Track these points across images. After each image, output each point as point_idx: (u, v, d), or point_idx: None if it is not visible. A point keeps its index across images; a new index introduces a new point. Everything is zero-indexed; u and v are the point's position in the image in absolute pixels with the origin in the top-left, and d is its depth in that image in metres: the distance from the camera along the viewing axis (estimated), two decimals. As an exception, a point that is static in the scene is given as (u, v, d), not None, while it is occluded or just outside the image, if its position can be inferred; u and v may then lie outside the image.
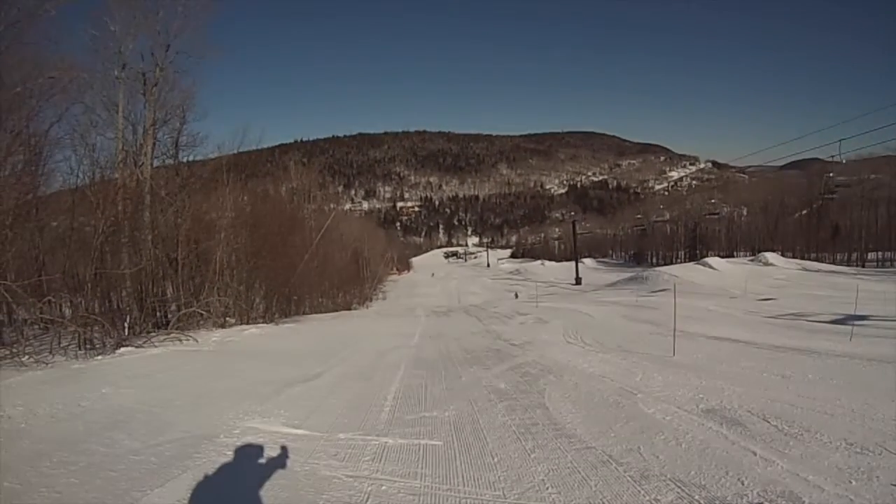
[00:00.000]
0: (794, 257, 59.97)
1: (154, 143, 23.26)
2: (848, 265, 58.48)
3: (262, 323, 25.76)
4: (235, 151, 30.39)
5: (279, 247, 31.69)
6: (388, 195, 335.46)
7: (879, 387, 8.73)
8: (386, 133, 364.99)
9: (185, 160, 25.66)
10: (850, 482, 5.26)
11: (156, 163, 23.75)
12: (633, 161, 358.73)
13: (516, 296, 50.63)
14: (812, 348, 12.61)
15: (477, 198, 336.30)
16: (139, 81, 22.56)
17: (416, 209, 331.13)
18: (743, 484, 5.38)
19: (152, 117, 22.87)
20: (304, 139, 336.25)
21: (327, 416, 8.87)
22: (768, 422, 7.23)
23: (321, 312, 39.67)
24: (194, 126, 25.47)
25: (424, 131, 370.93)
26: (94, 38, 21.55)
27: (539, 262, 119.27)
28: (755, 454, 6.13)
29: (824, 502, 4.88)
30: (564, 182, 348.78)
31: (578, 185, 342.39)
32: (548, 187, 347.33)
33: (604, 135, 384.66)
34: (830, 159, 37.51)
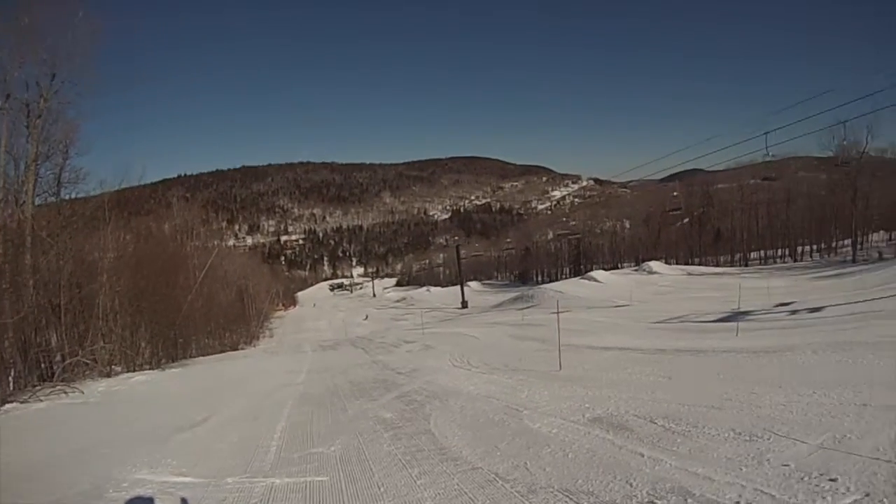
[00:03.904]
0: (678, 264, 63.53)
1: (36, 180, 22.54)
2: (732, 266, 62.60)
3: (149, 369, 25.63)
4: (118, 188, 29.92)
5: (163, 287, 31.30)
6: (271, 229, 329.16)
7: (765, 376, 9.34)
8: (270, 165, 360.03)
9: (67, 198, 24.93)
10: (741, 469, 5.52)
11: (37, 201, 23.02)
12: (515, 183, 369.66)
13: (366, 318, 50.90)
14: (699, 348, 13.33)
15: (361, 228, 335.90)
16: (23, 113, 21.83)
17: (301, 242, 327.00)
18: (632, 486, 5.53)
19: (35, 151, 22.12)
20: (188, 173, 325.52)
21: (215, 460, 8.85)
22: (655, 423, 7.54)
23: (208, 354, 38.84)
24: (77, 161, 24.88)
25: (308, 162, 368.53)
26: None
27: (425, 288, 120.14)
28: (643, 455, 6.34)
29: (715, 492, 5.08)
30: (448, 207, 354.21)
31: (462, 209, 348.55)
32: (431, 213, 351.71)
33: (487, 159, 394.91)
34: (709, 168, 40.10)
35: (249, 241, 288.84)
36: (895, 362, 9.30)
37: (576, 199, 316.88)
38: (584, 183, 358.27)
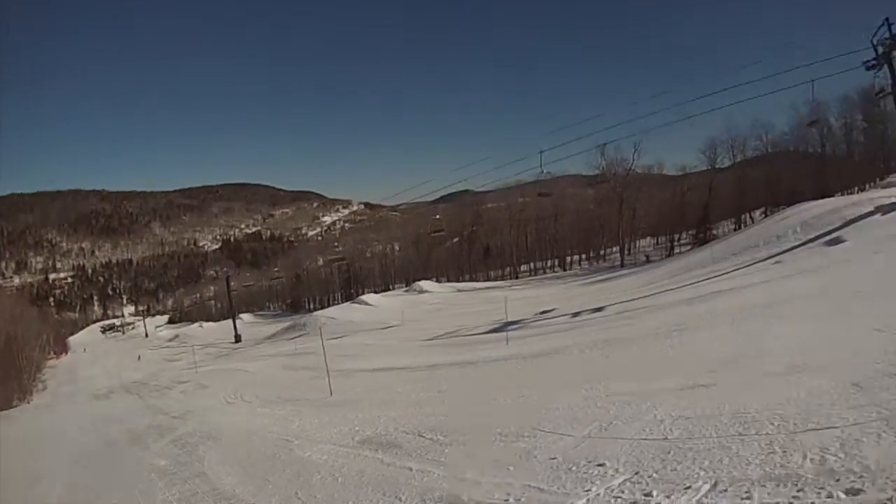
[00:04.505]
0: (449, 282, 65.44)
1: None
2: (503, 280, 65.50)
3: None
4: None
5: None
6: (39, 266, 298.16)
7: (534, 379, 9.75)
8: (39, 193, 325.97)
9: None
10: (508, 469, 5.63)
11: None
12: (286, 210, 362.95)
13: (139, 359, 48.53)
14: (470, 360, 13.70)
15: (131, 262, 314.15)
16: None
17: (69, 280, 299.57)
18: (401, 500, 5.48)
19: None
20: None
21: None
22: (423, 437, 7.60)
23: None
24: None
25: (79, 190, 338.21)
26: None
27: (198, 324, 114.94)
28: (412, 469, 6.36)
29: (484, 494, 5.13)
30: (218, 237, 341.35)
31: (232, 238, 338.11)
32: (202, 244, 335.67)
33: (258, 185, 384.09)
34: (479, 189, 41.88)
35: (17, 280, 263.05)
36: (657, 352, 10.02)
37: (346, 224, 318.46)
38: (355, 207, 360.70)
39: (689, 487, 4.51)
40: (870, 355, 7.13)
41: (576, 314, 20.13)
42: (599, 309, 20.08)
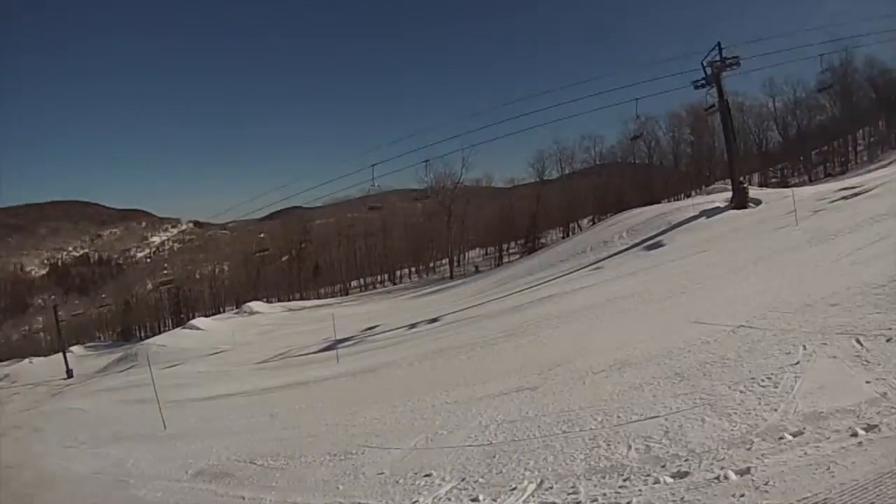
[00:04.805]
0: (279, 301, 64.43)
1: None
2: (333, 297, 65.20)
3: None
4: None
5: None
6: None
7: (363, 395, 9.88)
8: None
9: None
10: (338, 487, 5.77)
11: None
12: (114, 230, 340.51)
13: None
14: (302, 380, 13.68)
15: None
16: None
17: None
18: None
19: None
20: None
21: None
22: (255, 463, 7.59)
23: None
24: None
25: None
26: None
27: (27, 360, 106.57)
28: (244, 498, 6.33)
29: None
30: (46, 261, 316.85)
31: (60, 262, 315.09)
32: (29, 269, 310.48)
33: (87, 203, 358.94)
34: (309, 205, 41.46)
35: None
36: (484, 360, 10.34)
37: (176, 245, 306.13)
38: (184, 226, 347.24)
39: (514, 488, 4.77)
40: (689, 346, 7.79)
41: (412, 325, 20.50)
42: (435, 320, 20.52)
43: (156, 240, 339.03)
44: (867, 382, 5.16)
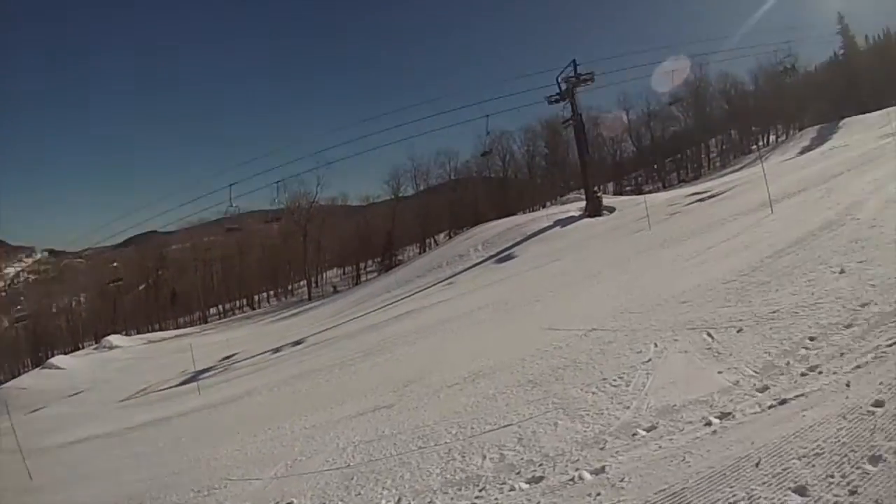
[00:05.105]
0: (139, 333, 62.05)
1: None
2: (192, 325, 63.37)
3: None
4: None
5: None
6: None
7: (224, 426, 10.12)
8: None
9: None
10: None
11: None
12: None
13: None
14: (163, 416, 13.66)
15: None
16: None
17: None
18: None
19: None
20: None
21: None
22: None
23: None
24: None
25: None
26: None
27: None
28: None
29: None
30: None
31: None
32: None
33: None
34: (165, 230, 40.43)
35: None
36: (342, 381, 10.74)
37: (31, 276, 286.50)
38: (38, 256, 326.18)
39: (373, 509, 5.03)
40: (542, 352, 8.27)
41: (276, 350, 20.62)
42: (298, 342, 20.70)
43: (10, 271, 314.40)
44: (719, 373, 5.60)
